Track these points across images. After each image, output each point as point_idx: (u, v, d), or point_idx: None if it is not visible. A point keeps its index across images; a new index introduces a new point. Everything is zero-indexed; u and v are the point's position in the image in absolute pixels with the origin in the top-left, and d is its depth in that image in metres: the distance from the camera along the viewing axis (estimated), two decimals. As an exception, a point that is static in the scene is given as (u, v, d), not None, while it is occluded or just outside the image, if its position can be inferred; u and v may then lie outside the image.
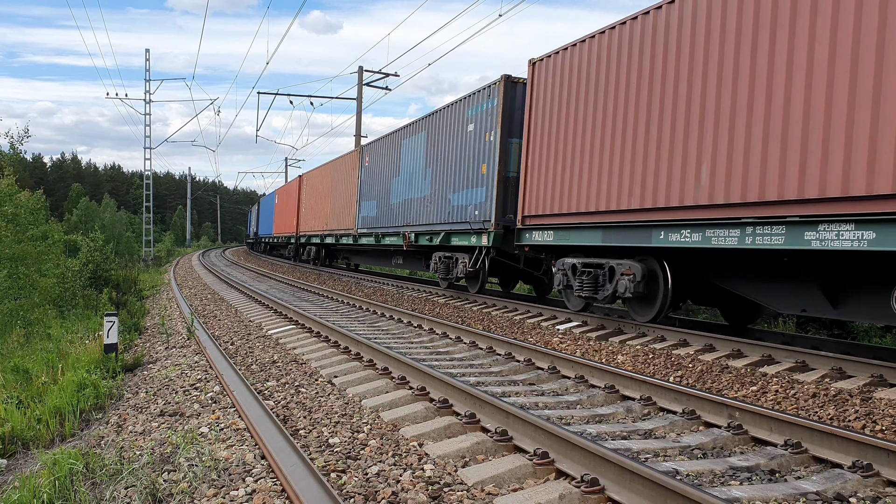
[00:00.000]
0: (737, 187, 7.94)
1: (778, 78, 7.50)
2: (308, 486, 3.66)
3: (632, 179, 9.58)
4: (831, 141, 6.91)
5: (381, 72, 32.79)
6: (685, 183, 8.69)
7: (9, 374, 8.50)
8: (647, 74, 9.40)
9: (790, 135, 7.35)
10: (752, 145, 7.78)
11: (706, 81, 8.46)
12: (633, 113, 9.65)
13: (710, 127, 8.35)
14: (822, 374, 7.02)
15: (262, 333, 10.30)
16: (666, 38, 9.13)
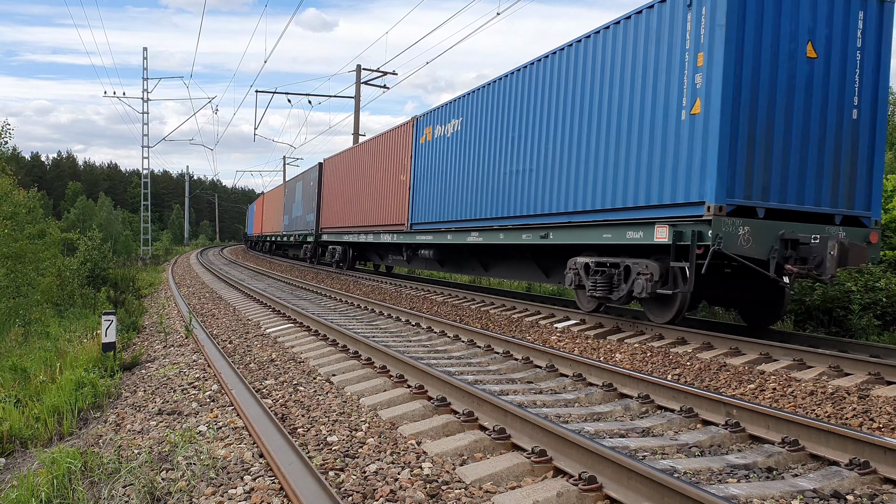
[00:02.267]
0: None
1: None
2: (306, 485, 3.66)
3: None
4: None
5: (380, 70, 32.78)
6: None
7: (7, 373, 8.49)
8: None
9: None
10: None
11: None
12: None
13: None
14: (820, 371, 7.03)
15: (261, 332, 10.30)
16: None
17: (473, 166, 14.50)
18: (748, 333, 9.67)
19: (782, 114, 8.64)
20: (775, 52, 8.57)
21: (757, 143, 8.53)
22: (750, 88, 8.44)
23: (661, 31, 9.30)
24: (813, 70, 8.75)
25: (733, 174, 8.40)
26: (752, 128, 8.50)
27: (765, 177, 8.62)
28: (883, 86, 9.18)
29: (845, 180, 9.05)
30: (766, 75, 8.54)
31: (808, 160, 8.83)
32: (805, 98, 8.74)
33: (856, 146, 9.04)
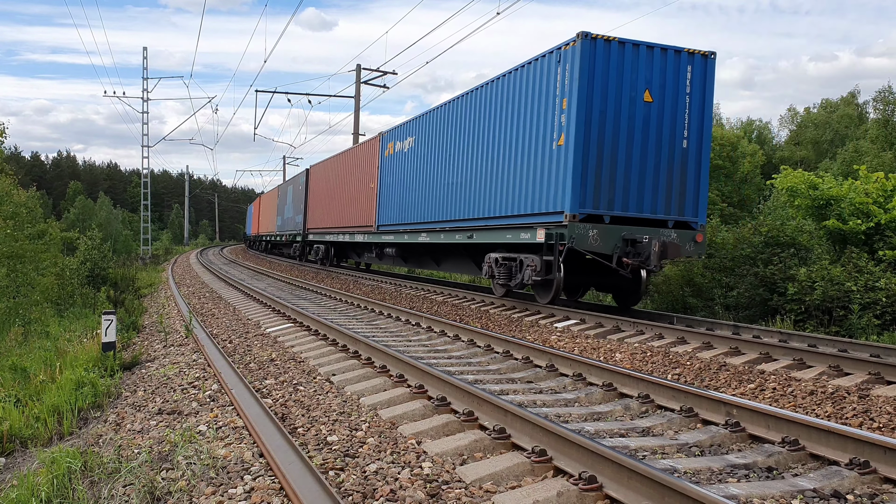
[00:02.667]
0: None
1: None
2: (306, 484, 3.66)
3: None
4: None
5: (380, 70, 32.76)
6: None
7: (7, 373, 8.49)
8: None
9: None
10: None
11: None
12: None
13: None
14: (820, 371, 7.04)
15: (261, 331, 10.29)
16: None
17: (423, 177, 17.15)
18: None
19: (625, 144, 11.25)
20: (619, 98, 11.15)
21: (604, 167, 11.14)
22: (598, 126, 11.04)
23: (542, 80, 11.87)
24: (650, 111, 11.36)
25: (585, 190, 10.99)
26: (600, 155, 11.10)
27: (610, 192, 11.20)
28: (707, 121, 11.77)
29: (676, 195, 11.64)
30: (611, 116, 11.12)
31: (647, 179, 11.42)
32: (643, 132, 11.34)
33: (685, 169, 11.67)
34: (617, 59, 11.14)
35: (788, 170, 15.28)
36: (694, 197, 11.78)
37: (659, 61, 11.38)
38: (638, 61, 11.28)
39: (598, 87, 11.01)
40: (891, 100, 43.94)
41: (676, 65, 11.51)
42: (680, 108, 11.56)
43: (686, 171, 11.69)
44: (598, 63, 10.96)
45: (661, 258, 11.08)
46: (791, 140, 57.92)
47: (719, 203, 43.14)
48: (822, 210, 14.29)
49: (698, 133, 11.71)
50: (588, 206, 11.06)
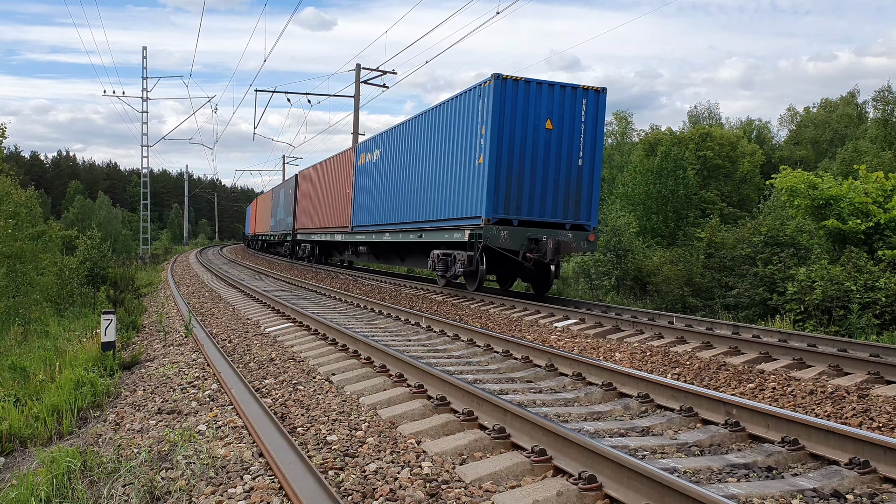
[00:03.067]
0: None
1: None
2: (306, 484, 3.66)
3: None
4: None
5: (379, 69, 32.75)
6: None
7: (6, 372, 8.49)
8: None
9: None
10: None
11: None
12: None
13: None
14: (820, 371, 7.04)
15: (260, 331, 10.29)
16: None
17: (386, 184, 19.89)
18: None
19: (530, 163, 13.89)
20: (525, 125, 13.74)
21: (513, 181, 13.79)
22: (508, 148, 13.66)
23: (468, 110, 14.59)
24: (551, 136, 13.98)
25: (497, 199, 13.65)
26: (510, 171, 13.76)
27: (518, 201, 13.87)
28: (599, 143, 14.40)
29: (573, 203, 14.27)
30: (518, 140, 13.73)
31: (548, 190, 14.06)
32: (545, 153, 13.97)
33: (580, 182, 14.30)
34: (524, 95, 13.76)
35: (788, 169, 15.29)
36: (588, 205, 14.41)
37: (558, 96, 14.03)
38: (541, 96, 13.91)
39: (508, 117, 13.63)
40: (891, 99, 43.93)
41: (573, 99, 14.13)
42: (576, 133, 14.18)
43: (581, 184, 14.33)
44: (508, 98, 13.60)
45: (556, 254, 13.58)
46: (791, 140, 57.94)
47: (719, 202, 43.18)
48: (822, 210, 14.30)
49: (591, 153, 14.36)
50: (500, 212, 13.79)
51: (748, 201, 45.40)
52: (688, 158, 41.39)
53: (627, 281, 23.22)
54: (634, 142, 55.07)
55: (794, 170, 15.32)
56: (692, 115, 61.04)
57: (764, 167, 48.50)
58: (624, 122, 58.65)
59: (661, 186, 36.92)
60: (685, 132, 50.32)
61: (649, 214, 36.49)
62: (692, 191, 38.38)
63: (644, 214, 36.09)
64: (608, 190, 46.40)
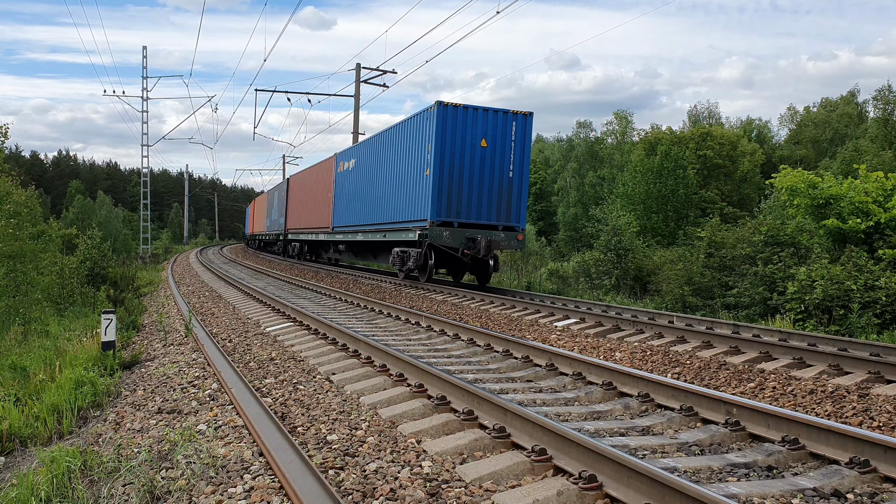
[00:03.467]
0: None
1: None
2: (306, 483, 3.66)
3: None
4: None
5: (379, 69, 32.73)
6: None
7: (6, 372, 8.49)
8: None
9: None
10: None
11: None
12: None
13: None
14: (820, 370, 7.03)
15: (260, 330, 10.29)
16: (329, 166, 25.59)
17: (359, 190, 22.69)
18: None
19: (468, 175, 16.50)
20: (464, 143, 16.34)
21: (454, 190, 16.39)
22: (449, 163, 16.25)
23: (420, 130, 17.24)
24: (486, 153, 16.56)
25: (440, 205, 16.24)
26: (451, 182, 16.34)
27: (458, 206, 16.47)
28: (527, 158, 16.96)
29: (504, 208, 16.85)
30: (458, 156, 16.33)
31: (483, 198, 16.66)
32: (481, 167, 16.59)
33: (511, 191, 16.89)
34: (462, 119, 16.38)
35: (788, 169, 15.28)
36: (517, 209, 16.98)
37: (492, 119, 16.64)
38: (477, 119, 16.53)
39: (449, 137, 16.27)
40: (891, 98, 43.92)
41: (504, 121, 16.72)
42: (507, 150, 16.77)
43: (511, 193, 16.92)
44: (449, 122, 16.24)
45: (488, 250, 16.22)
46: (791, 139, 57.91)
47: (719, 202, 43.18)
48: (822, 209, 14.29)
49: (520, 166, 16.96)
50: (443, 216, 16.39)
51: (748, 201, 45.40)
52: (688, 158, 41.37)
53: (628, 280, 23.22)
54: (635, 141, 55.06)
55: (794, 169, 15.31)
56: (692, 114, 61.03)
57: (764, 167, 48.49)
58: (624, 121, 58.64)
59: (662, 186, 36.93)
60: (685, 132, 50.32)
61: (649, 214, 36.51)
62: (692, 190, 38.38)
63: (644, 214, 36.11)
64: (608, 189, 46.41)
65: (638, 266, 23.52)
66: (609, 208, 27.59)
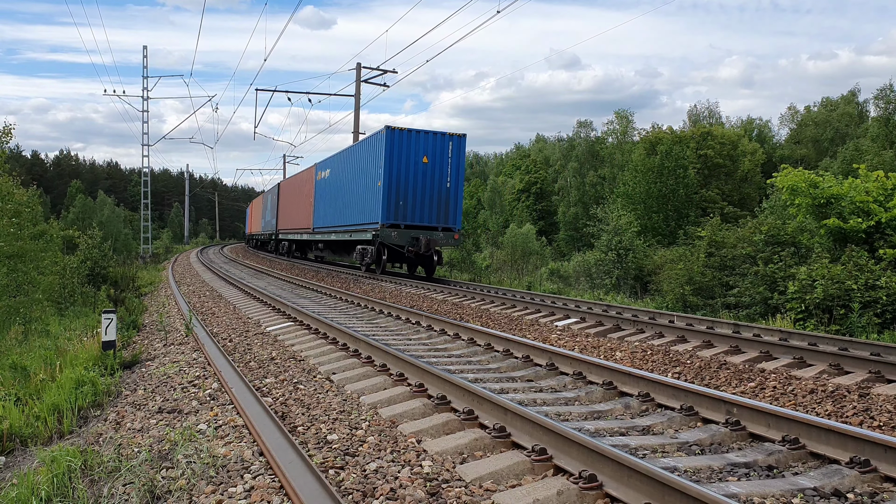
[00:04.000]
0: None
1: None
2: (306, 483, 3.66)
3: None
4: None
5: (380, 68, 32.71)
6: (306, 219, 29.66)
7: (7, 372, 8.49)
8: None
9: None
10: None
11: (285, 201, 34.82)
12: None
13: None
14: (820, 370, 7.03)
15: (261, 330, 10.29)
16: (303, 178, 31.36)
17: (331, 196, 26.17)
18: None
19: (412, 185, 19.79)
20: (409, 160, 19.67)
21: (401, 197, 19.63)
22: (397, 176, 19.51)
23: (374, 148, 20.81)
24: (427, 167, 19.85)
25: (389, 210, 19.45)
26: (398, 191, 19.62)
27: (404, 211, 19.70)
28: (462, 171, 20.56)
29: (442, 212, 20.20)
30: (404, 170, 19.63)
31: (425, 204, 19.94)
32: (423, 178, 19.87)
33: (448, 199, 20.29)
34: (407, 140, 19.83)
35: (789, 168, 15.27)
36: (453, 214, 20.49)
37: (431, 140, 20.12)
38: (419, 140, 19.95)
39: (395, 155, 19.67)
40: (892, 98, 43.89)
41: (442, 142, 20.22)
42: (444, 165, 20.24)
43: (448, 200, 20.38)
44: (396, 142, 19.66)
45: (428, 248, 19.54)
46: (791, 138, 57.88)
47: (719, 201, 43.16)
48: (823, 209, 14.28)
49: (456, 178, 20.50)
50: (392, 219, 19.69)
51: (749, 200, 45.39)
52: (689, 157, 41.37)
53: (628, 280, 23.22)
54: (635, 141, 55.04)
55: (794, 169, 15.30)
56: (692, 114, 61.06)
57: (765, 166, 48.47)
58: (625, 121, 58.63)
59: (662, 185, 36.94)
60: (685, 131, 50.29)
61: (650, 213, 36.51)
62: (693, 190, 38.38)
63: (645, 213, 36.11)
64: (609, 189, 46.39)
65: (638, 266, 23.53)
66: (609, 208, 27.59)
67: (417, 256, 20.54)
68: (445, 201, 20.20)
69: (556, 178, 59.19)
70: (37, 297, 15.97)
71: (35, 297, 15.92)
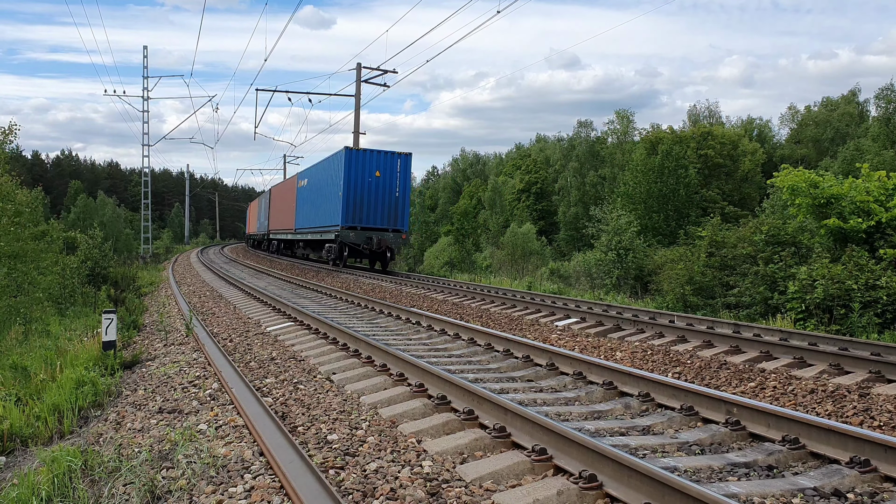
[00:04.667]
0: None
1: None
2: (306, 483, 3.66)
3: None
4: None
5: (380, 68, 32.72)
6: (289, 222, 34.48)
7: (7, 372, 8.49)
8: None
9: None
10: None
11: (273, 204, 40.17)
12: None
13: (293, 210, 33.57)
14: (821, 370, 7.03)
15: (261, 330, 10.29)
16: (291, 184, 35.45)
17: (308, 202, 30.12)
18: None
19: (367, 194, 23.68)
20: (363, 173, 23.63)
21: (357, 204, 23.56)
22: (354, 186, 23.45)
23: (335, 164, 24.84)
24: (379, 180, 23.75)
25: (348, 214, 23.34)
26: (355, 199, 23.57)
27: (360, 215, 23.53)
28: (408, 182, 24.69)
29: (392, 217, 23.89)
30: (360, 181, 23.58)
31: (378, 209, 23.74)
32: (376, 188, 23.77)
33: (397, 205, 24.06)
34: (362, 158, 23.98)
35: (789, 168, 15.26)
36: (401, 218, 24.38)
37: (383, 158, 24.18)
38: (373, 158, 24.04)
39: (353, 170, 23.67)
40: (892, 98, 43.86)
41: (392, 159, 24.30)
42: (394, 178, 24.23)
43: (397, 206, 24.28)
44: (353, 160, 23.77)
45: (379, 246, 23.49)
46: (792, 138, 57.85)
47: (720, 201, 43.15)
48: (823, 209, 14.27)
49: (403, 189, 24.47)
50: (350, 222, 23.57)
51: (749, 200, 45.36)
52: (689, 157, 41.35)
53: (629, 280, 23.22)
54: (636, 141, 55.03)
55: (795, 168, 15.29)
56: (692, 113, 60.99)
57: (765, 166, 48.45)
58: (626, 120, 58.62)
59: (663, 185, 36.93)
60: (685, 131, 50.28)
61: (650, 213, 36.49)
62: (693, 189, 38.36)
63: (645, 213, 36.10)
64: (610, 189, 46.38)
65: (639, 265, 23.53)
66: (609, 208, 27.58)
67: (373, 253, 24.57)
68: (394, 207, 24.20)
69: (556, 178, 59.19)
70: (37, 297, 15.98)
71: (35, 297, 15.93)
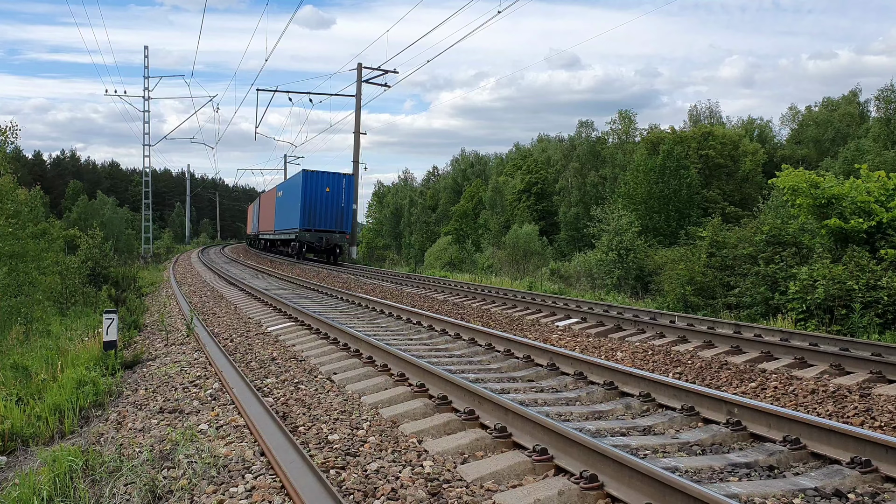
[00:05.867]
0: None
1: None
2: (307, 483, 3.67)
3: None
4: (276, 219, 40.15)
5: (381, 68, 32.76)
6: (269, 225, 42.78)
7: (8, 372, 8.49)
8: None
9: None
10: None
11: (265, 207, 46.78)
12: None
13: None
14: (821, 370, 7.03)
15: (262, 330, 10.30)
16: (280, 190, 41.21)
17: (281, 208, 36.87)
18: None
19: (319, 204, 31.56)
20: (317, 189, 31.50)
21: (312, 212, 31.37)
22: (309, 198, 31.21)
23: (296, 183, 33.31)
24: (329, 194, 31.79)
25: (304, 219, 31.13)
26: (311, 208, 31.37)
27: (314, 220, 31.41)
28: (352, 196, 33.04)
29: (339, 221, 32.04)
30: (314, 195, 31.37)
31: (328, 215, 31.71)
32: (326, 200, 31.77)
33: (343, 213, 32.27)
34: (316, 178, 31.19)
35: (790, 168, 15.25)
36: (347, 222, 31.90)
37: (333, 177, 31.58)
38: (324, 177, 31.36)
39: (309, 187, 30.78)
40: (893, 98, 43.82)
41: (339, 178, 31.81)
42: (340, 192, 31.53)
43: (343, 214, 31.68)
44: (309, 180, 30.95)
45: (328, 244, 30.91)
46: (792, 139, 57.81)
47: (721, 202, 43.13)
48: (824, 209, 14.26)
49: (347, 200, 31.79)
50: (306, 225, 30.71)
51: (750, 200, 45.29)
52: (690, 157, 41.34)
53: (629, 280, 23.22)
54: (636, 141, 55.02)
55: (795, 169, 15.28)
56: (692, 113, 60.94)
57: (766, 166, 48.39)
58: (627, 121, 58.60)
59: (664, 186, 36.92)
60: (686, 131, 50.27)
61: (651, 213, 36.49)
62: (694, 190, 38.35)
63: (646, 213, 36.09)
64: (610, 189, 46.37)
65: (640, 266, 23.52)
66: (610, 208, 27.56)
67: (325, 250, 31.94)
68: (341, 215, 31.63)
69: (557, 179, 59.18)
70: (38, 297, 15.99)
71: (36, 297, 15.93)
